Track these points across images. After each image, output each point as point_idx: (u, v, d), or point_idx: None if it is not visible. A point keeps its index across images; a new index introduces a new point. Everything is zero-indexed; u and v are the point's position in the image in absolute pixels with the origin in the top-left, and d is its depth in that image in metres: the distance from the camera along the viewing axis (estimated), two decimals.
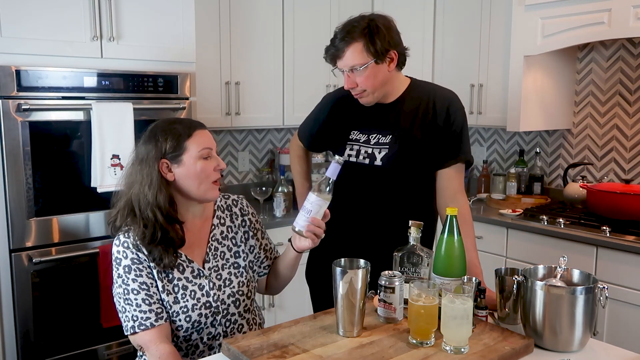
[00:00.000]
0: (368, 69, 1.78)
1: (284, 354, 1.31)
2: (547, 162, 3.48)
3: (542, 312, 1.40)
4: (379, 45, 1.77)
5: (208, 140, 1.56)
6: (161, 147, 1.52)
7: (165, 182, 1.53)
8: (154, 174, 1.51)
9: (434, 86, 1.98)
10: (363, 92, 1.84)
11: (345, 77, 1.82)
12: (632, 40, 3.02)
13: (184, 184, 1.54)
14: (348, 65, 1.79)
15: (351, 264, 1.45)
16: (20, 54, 2.26)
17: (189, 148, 1.52)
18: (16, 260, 2.31)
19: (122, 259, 1.52)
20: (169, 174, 1.53)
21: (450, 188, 1.90)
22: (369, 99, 1.87)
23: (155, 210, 1.50)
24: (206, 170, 1.53)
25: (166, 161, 1.52)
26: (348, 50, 1.78)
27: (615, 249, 2.52)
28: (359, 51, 1.77)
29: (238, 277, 1.65)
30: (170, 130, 1.53)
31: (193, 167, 1.52)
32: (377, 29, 1.78)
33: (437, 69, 3.55)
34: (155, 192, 1.50)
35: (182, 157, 1.52)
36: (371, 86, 1.82)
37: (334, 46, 1.81)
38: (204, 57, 2.95)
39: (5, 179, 2.26)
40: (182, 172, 1.53)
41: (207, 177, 1.54)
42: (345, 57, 1.79)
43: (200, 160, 1.53)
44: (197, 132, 1.55)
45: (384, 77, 1.83)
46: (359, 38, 1.77)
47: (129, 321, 1.50)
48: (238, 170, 3.62)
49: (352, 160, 1.91)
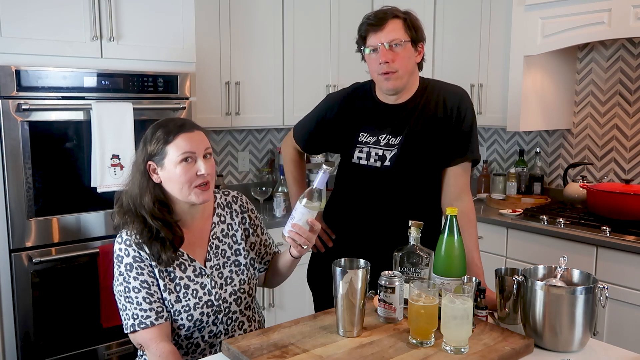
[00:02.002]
0: (406, 47, 1.79)
1: (284, 354, 1.31)
2: (547, 162, 3.48)
3: (542, 312, 1.40)
4: (417, 31, 1.82)
5: (191, 145, 1.52)
6: (148, 149, 1.54)
7: (153, 184, 1.54)
8: (141, 176, 1.54)
9: (443, 83, 1.96)
10: (394, 73, 1.80)
11: (382, 50, 1.78)
12: (632, 40, 3.02)
13: (167, 187, 1.55)
14: (389, 39, 1.78)
15: (351, 264, 1.45)
16: (20, 54, 2.26)
17: (169, 152, 1.52)
18: (16, 260, 2.31)
19: (123, 257, 1.53)
20: (155, 176, 1.55)
21: (457, 186, 1.89)
22: (397, 83, 1.82)
23: (142, 210, 1.53)
24: (186, 175, 1.51)
25: (152, 163, 1.54)
26: (390, 24, 1.78)
27: (615, 249, 2.52)
28: (399, 27, 1.79)
29: (239, 275, 1.66)
30: (156, 133, 1.54)
31: (173, 171, 1.52)
32: (415, 18, 1.84)
33: (437, 69, 3.54)
34: (141, 193, 1.53)
35: (163, 161, 1.53)
36: (404, 68, 1.80)
37: (371, 20, 1.80)
38: (204, 57, 2.95)
39: (5, 179, 2.26)
40: (165, 175, 1.54)
41: (188, 182, 1.52)
42: (386, 30, 1.78)
43: (180, 165, 1.51)
44: (181, 136, 1.52)
45: (413, 65, 1.85)
46: (400, 16, 1.80)
47: (129, 319, 1.51)
48: (238, 170, 3.62)
49: (362, 164, 1.88)
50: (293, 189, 2.16)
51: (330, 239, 2.01)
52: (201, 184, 1.54)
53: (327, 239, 2.01)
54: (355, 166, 1.90)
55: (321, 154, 3.58)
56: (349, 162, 1.92)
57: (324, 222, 2.03)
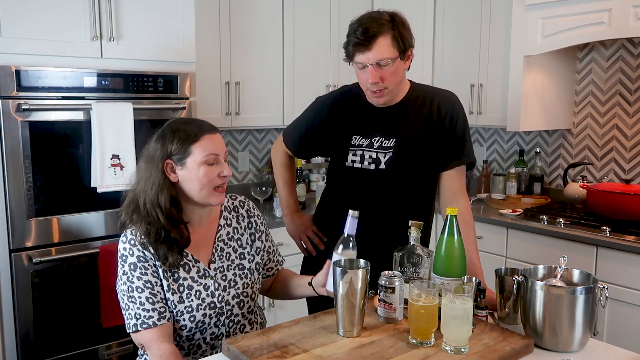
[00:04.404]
0: (394, 64, 1.72)
1: (284, 354, 1.31)
2: (547, 162, 3.48)
3: (542, 312, 1.40)
4: (405, 41, 1.71)
5: (216, 146, 1.54)
6: (168, 147, 1.52)
7: (169, 183, 1.53)
8: (158, 174, 1.52)
9: (434, 88, 1.96)
10: (384, 90, 1.76)
11: (371, 71, 1.71)
12: (632, 40, 3.02)
13: (185, 186, 1.54)
14: (376, 59, 1.69)
15: (351, 264, 1.45)
16: (20, 54, 2.26)
17: (194, 152, 1.51)
18: (16, 260, 2.31)
19: (128, 256, 1.53)
20: (172, 175, 1.53)
21: (452, 189, 1.89)
22: (386, 99, 1.80)
23: (157, 209, 1.51)
24: (209, 176, 1.52)
25: (171, 162, 1.52)
26: (377, 44, 1.68)
27: (615, 249, 2.52)
28: (387, 45, 1.69)
29: (243, 279, 1.65)
30: (179, 131, 1.53)
31: (196, 171, 1.51)
32: (402, 23, 1.72)
33: (437, 69, 3.55)
34: (157, 191, 1.51)
35: (186, 160, 1.51)
36: (394, 83, 1.75)
37: (359, 38, 1.69)
38: (204, 57, 2.95)
39: (5, 179, 2.26)
40: (185, 175, 1.52)
41: (210, 183, 1.52)
42: (373, 50, 1.68)
43: (204, 166, 1.52)
44: (206, 137, 1.53)
45: (402, 75, 1.79)
46: (387, 30, 1.69)
47: (132, 319, 1.51)
48: (238, 170, 3.62)
49: (356, 167, 1.87)
50: (283, 193, 2.13)
51: (322, 242, 2.00)
52: (219, 186, 1.54)
53: (319, 242, 2.00)
54: (348, 169, 1.89)
55: (312, 158, 3.55)
56: (342, 165, 1.91)
57: (315, 226, 2.03)
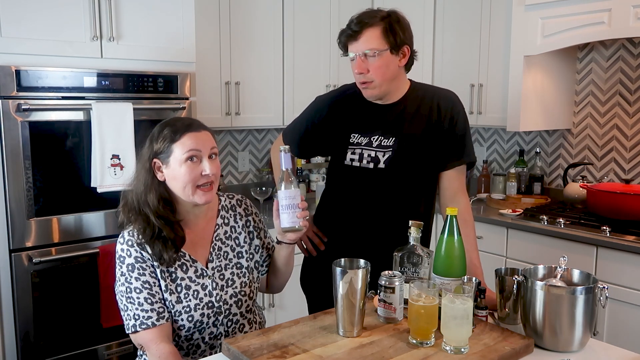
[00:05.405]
0: (382, 56, 1.73)
1: (284, 354, 1.31)
2: (547, 162, 3.48)
3: (542, 312, 1.40)
4: (397, 36, 1.73)
5: (197, 143, 1.53)
6: (154, 146, 1.54)
7: (157, 182, 1.55)
8: (146, 173, 1.54)
9: (435, 87, 1.96)
10: (371, 83, 1.78)
11: (357, 61, 1.75)
12: (632, 40, 3.02)
13: (171, 185, 1.55)
14: (362, 50, 1.73)
15: (351, 264, 1.45)
16: (20, 54, 2.26)
17: (175, 150, 1.52)
18: (16, 260, 2.31)
19: (125, 257, 1.53)
20: (159, 174, 1.55)
21: (451, 189, 1.89)
22: (374, 92, 1.81)
23: (146, 208, 1.53)
24: (190, 174, 1.51)
25: (158, 161, 1.54)
26: (365, 33, 1.72)
27: (615, 249, 2.52)
28: (376, 36, 1.72)
29: (241, 278, 1.65)
30: (163, 131, 1.54)
31: (178, 169, 1.52)
32: (397, 20, 1.75)
33: (437, 69, 3.55)
34: (146, 191, 1.54)
35: (169, 159, 1.53)
36: (381, 77, 1.76)
37: (350, 28, 1.74)
38: (204, 57, 2.95)
39: (5, 179, 2.26)
40: (169, 173, 1.54)
41: (192, 181, 1.52)
42: (360, 40, 1.73)
43: (185, 164, 1.51)
44: (188, 135, 1.52)
45: (394, 71, 1.79)
46: (378, 22, 1.73)
47: (131, 320, 1.51)
48: (238, 170, 3.62)
49: (355, 165, 1.87)
50: None
51: (322, 242, 2.00)
52: (205, 184, 1.54)
53: (319, 243, 2.00)
54: (347, 168, 1.89)
55: (313, 157, 3.54)
56: (341, 164, 1.91)
57: (315, 226, 2.02)
